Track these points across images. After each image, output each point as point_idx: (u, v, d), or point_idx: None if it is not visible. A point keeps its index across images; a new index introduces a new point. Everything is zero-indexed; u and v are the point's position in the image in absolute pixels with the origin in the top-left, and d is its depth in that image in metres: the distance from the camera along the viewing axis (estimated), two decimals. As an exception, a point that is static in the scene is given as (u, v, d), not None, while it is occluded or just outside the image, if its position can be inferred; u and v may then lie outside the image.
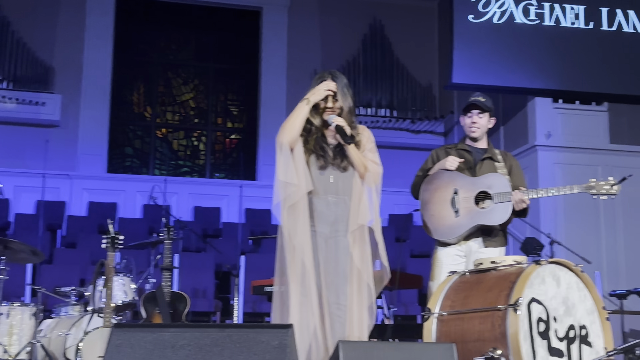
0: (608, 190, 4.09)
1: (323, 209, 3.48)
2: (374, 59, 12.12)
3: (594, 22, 9.03)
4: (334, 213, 3.48)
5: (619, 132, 9.72)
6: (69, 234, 9.93)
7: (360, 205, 3.47)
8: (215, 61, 12.60)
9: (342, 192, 3.50)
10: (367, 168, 3.51)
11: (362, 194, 3.49)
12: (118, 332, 2.88)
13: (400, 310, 7.71)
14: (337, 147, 3.53)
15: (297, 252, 3.37)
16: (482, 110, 4.27)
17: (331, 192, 3.49)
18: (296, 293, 3.34)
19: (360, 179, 3.51)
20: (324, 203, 3.48)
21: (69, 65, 11.28)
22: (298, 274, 3.35)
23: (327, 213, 3.48)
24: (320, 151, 3.51)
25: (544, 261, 3.49)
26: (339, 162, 3.51)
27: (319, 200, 3.48)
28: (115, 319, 5.26)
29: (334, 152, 3.53)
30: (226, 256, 8.20)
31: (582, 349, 3.47)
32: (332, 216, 3.48)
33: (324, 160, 3.50)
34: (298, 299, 3.34)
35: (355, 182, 3.51)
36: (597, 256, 8.86)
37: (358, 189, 3.49)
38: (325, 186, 3.49)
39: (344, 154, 3.51)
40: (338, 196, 3.49)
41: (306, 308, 3.33)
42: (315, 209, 3.47)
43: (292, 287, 3.35)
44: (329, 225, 3.47)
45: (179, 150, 12.36)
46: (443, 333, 3.55)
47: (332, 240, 3.47)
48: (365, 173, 3.50)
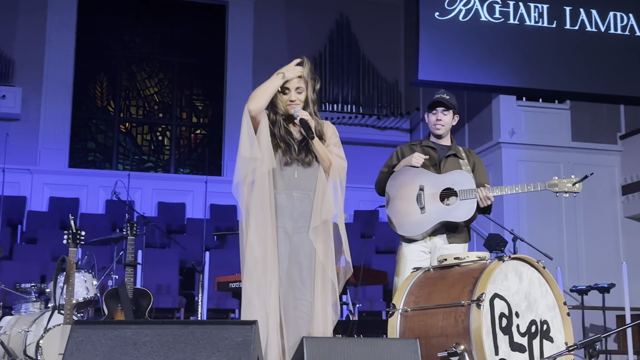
0: (570, 188, 4.14)
1: (287, 204, 3.45)
2: (340, 55, 12.13)
3: (558, 21, 9.14)
4: (298, 208, 3.46)
5: (581, 130, 9.88)
6: (29, 229, 9.78)
7: (324, 200, 3.44)
8: (180, 55, 12.50)
9: (307, 187, 3.48)
10: (332, 162, 3.49)
11: (326, 188, 3.47)
12: (79, 329, 2.83)
13: (365, 306, 7.74)
14: (302, 142, 3.51)
15: (257, 247, 3.33)
16: (446, 108, 4.30)
17: (295, 188, 3.47)
18: (252, 288, 3.32)
19: (324, 174, 3.49)
20: (288, 198, 3.46)
21: (30, 58, 11.10)
22: (255, 268, 3.32)
23: (291, 208, 3.45)
24: (286, 147, 3.48)
25: (506, 257, 3.52)
26: (303, 157, 3.49)
27: (282, 196, 3.46)
28: (76, 316, 5.19)
29: (299, 147, 3.51)
30: (191, 252, 8.15)
31: (544, 344, 3.51)
32: (296, 212, 3.46)
33: (289, 156, 3.47)
34: (255, 293, 3.31)
35: (320, 177, 3.48)
36: (559, 252, 9.01)
37: (322, 184, 3.47)
38: (289, 182, 3.47)
39: (309, 149, 3.49)
40: (302, 192, 3.47)
41: (262, 304, 3.30)
42: (279, 205, 3.45)
43: (247, 282, 3.33)
44: (293, 220, 3.45)
45: (143, 145, 12.23)
46: (407, 329, 3.56)
47: (295, 236, 3.45)
48: (329, 167, 3.48)
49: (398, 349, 3.05)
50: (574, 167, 9.21)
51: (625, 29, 9.31)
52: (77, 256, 5.57)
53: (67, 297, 4.83)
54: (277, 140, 3.48)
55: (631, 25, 9.34)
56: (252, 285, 3.31)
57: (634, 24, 9.34)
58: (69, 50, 11.33)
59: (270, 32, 12.07)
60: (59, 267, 5.22)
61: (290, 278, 3.40)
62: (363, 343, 3.05)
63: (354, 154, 11.25)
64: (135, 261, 5.84)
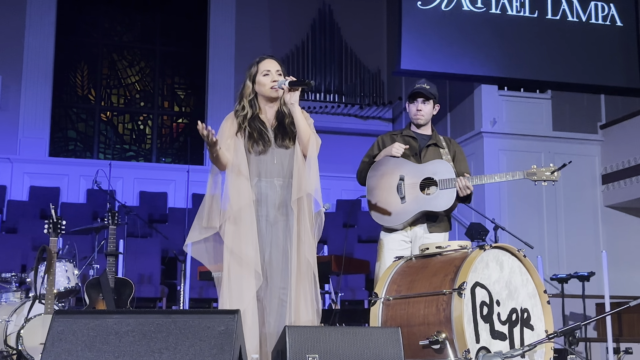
0: (549, 176, 4.18)
1: (269, 192, 3.46)
2: (323, 44, 12.10)
3: (539, 11, 9.19)
4: (281, 196, 3.47)
5: (562, 120, 9.94)
6: (9, 219, 9.69)
7: (304, 174, 3.45)
8: (161, 44, 12.41)
9: (287, 172, 3.48)
10: (311, 135, 3.49)
11: (305, 165, 3.48)
12: (60, 318, 2.82)
13: (347, 295, 7.76)
14: (278, 127, 3.52)
15: (232, 239, 3.36)
16: (426, 98, 4.31)
17: (276, 175, 3.48)
18: (233, 278, 3.34)
19: (301, 153, 3.49)
20: (270, 186, 3.47)
21: (9, 45, 10.96)
22: (230, 261, 3.34)
23: (273, 196, 3.46)
24: (259, 136, 3.48)
25: (488, 246, 3.55)
26: (280, 141, 3.50)
27: (263, 184, 3.47)
28: (57, 305, 5.16)
29: (275, 132, 3.52)
30: (172, 242, 8.12)
31: (524, 331, 3.54)
32: (278, 199, 3.46)
33: (263, 143, 3.48)
34: (235, 283, 3.33)
35: (297, 155, 3.49)
36: (539, 241, 9.08)
37: (300, 160, 3.48)
38: (269, 168, 3.48)
39: (285, 132, 3.51)
40: (284, 179, 3.48)
41: (244, 292, 3.31)
42: (261, 193, 3.45)
43: (228, 271, 3.35)
44: (275, 209, 3.46)
45: (125, 134, 12.15)
46: (389, 317, 3.58)
47: (277, 225, 3.45)
48: (309, 140, 3.47)
49: (380, 338, 3.07)
50: (554, 156, 9.27)
51: (606, 18, 9.38)
52: (58, 245, 5.53)
53: (48, 286, 4.81)
54: (251, 131, 3.48)
55: (612, 15, 9.40)
56: (229, 280, 3.33)
57: (615, 14, 9.41)
58: (49, 38, 11.21)
59: (253, 21, 12.01)
60: (39, 256, 5.20)
61: (272, 266, 3.41)
62: (345, 332, 3.06)
63: (336, 143, 11.32)
64: (116, 251, 5.83)
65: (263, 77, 3.53)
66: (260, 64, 3.56)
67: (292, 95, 3.44)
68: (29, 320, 4.91)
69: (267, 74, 3.53)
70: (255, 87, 3.56)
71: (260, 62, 3.57)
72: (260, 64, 3.56)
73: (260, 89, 3.54)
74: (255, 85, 3.55)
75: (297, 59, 11.92)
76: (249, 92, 3.56)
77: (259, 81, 3.54)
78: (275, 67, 3.55)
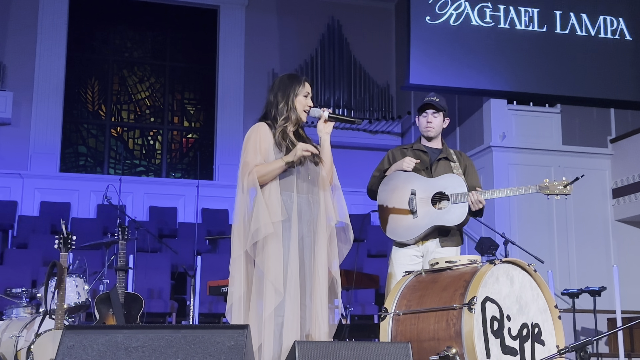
0: (561, 190, 4.15)
1: (304, 208, 3.46)
2: (332, 59, 12.15)
3: (548, 25, 9.19)
4: (312, 212, 3.48)
5: (571, 134, 9.91)
6: (20, 234, 9.73)
7: (338, 202, 3.51)
8: (171, 59, 12.49)
9: (316, 189, 3.51)
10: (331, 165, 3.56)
11: (336, 192, 3.54)
12: (70, 334, 2.82)
13: (357, 310, 7.73)
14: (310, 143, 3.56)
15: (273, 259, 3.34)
16: (436, 110, 4.31)
17: (310, 191, 3.49)
18: (254, 293, 3.34)
19: (327, 177, 3.54)
20: (306, 202, 3.47)
21: (21, 62, 11.06)
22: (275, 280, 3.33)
23: (307, 212, 3.47)
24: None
25: (498, 261, 3.53)
26: (313, 157, 3.52)
27: (299, 199, 3.46)
28: (67, 320, 5.17)
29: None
30: (182, 257, 8.13)
31: (535, 347, 3.52)
32: (310, 216, 3.47)
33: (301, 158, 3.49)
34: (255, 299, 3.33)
35: (325, 179, 3.53)
36: (550, 256, 9.02)
37: (327, 184, 3.53)
38: (304, 183, 3.48)
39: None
40: (314, 195, 3.50)
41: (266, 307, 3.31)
42: (298, 208, 3.44)
43: (249, 284, 3.35)
44: (306, 224, 3.46)
45: (135, 150, 12.20)
46: (399, 332, 3.56)
47: (307, 239, 3.45)
48: (330, 169, 3.54)
49: (390, 353, 3.06)
50: (564, 170, 9.24)
51: (615, 32, 9.37)
52: (69, 261, 5.55)
53: (59, 302, 4.82)
54: (287, 144, 3.48)
55: (621, 29, 9.40)
56: (250, 295, 3.33)
57: (624, 28, 9.40)
58: (60, 54, 11.31)
59: (262, 36, 12.07)
60: (50, 271, 5.20)
61: (301, 282, 3.40)
62: (355, 347, 3.05)
63: (345, 157, 11.32)
64: (126, 266, 5.83)
65: (303, 97, 3.57)
66: (306, 84, 3.59)
67: (328, 125, 3.52)
68: (39, 336, 4.91)
69: (307, 95, 3.58)
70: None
71: (305, 83, 3.60)
72: (306, 85, 3.59)
73: (298, 107, 3.57)
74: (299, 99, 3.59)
75: (306, 73, 11.96)
76: (292, 107, 3.56)
77: (300, 100, 3.57)
78: (310, 92, 3.62)
